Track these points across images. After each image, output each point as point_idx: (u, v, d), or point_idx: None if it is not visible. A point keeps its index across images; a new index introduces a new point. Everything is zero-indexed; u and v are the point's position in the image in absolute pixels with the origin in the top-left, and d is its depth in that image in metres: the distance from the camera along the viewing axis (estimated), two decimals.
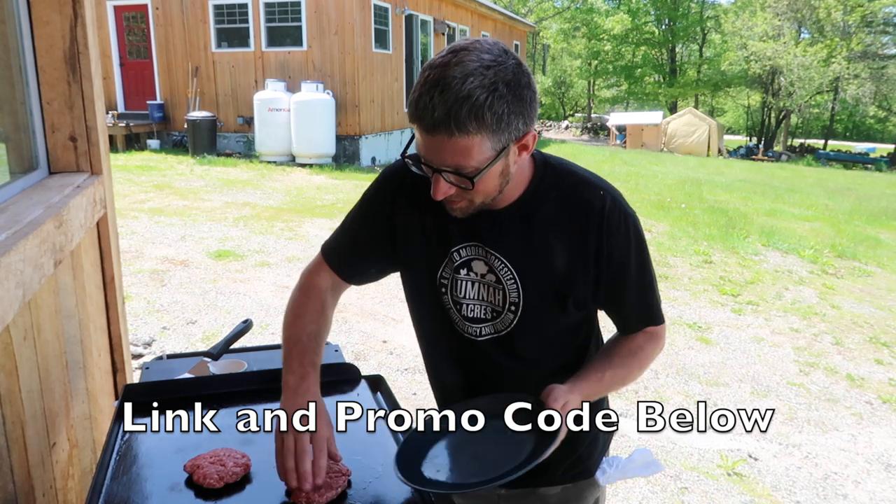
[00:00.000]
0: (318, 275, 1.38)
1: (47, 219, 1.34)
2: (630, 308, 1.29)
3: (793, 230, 9.25)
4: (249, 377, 1.51)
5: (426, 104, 1.00)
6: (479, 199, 1.14)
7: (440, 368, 1.43)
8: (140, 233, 6.92)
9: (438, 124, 1.00)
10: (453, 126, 1.00)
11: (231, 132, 13.36)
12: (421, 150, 1.08)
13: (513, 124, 1.04)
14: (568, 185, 1.22)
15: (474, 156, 1.04)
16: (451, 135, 1.01)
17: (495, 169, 1.08)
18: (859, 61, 29.64)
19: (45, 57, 1.75)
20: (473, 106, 0.99)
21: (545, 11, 46.12)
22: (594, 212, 1.18)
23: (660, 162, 18.76)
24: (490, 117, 1.00)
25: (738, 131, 44.23)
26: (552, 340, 1.30)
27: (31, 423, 1.30)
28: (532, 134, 1.10)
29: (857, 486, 3.15)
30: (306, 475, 1.06)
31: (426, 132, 1.03)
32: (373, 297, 5.31)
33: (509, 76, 1.01)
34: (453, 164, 1.05)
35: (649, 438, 3.47)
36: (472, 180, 1.06)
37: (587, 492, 1.41)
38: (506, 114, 1.02)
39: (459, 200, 1.13)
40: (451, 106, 0.98)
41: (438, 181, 1.08)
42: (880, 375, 4.47)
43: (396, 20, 14.06)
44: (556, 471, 1.35)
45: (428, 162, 1.07)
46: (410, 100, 1.05)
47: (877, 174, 23.18)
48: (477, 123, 1.00)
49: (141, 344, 4.19)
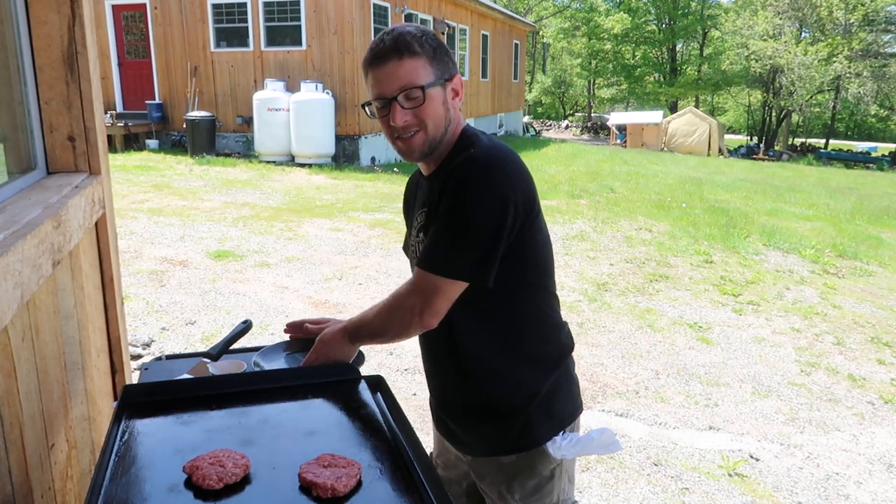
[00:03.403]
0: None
1: (46, 219, 1.33)
2: (425, 244, 1.39)
3: (794, 230, 9.24)
4: (249, 378, 1.50)
5: (377, 46, 1.33)
6: (431, 129, 1.34)
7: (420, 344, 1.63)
8: (139, 233, 6.92)
9: (389, 51, 1.31)
10: (402, 48, 1.30)
11: (230, 132, 13.35)
12: (375, 89, 1.34)
13: (444, 60, 1.35)
14: (463, 146, 1.39)
15: (420, 74, 1.31)
16: (399, 57, 1.30)
17: (438, 95, 1.34)
18: (860, 60, 29.62)
19: (44, 57, 1.74)
20: (414, 37, 1.31)
21: (545, 10, 46.13)
22: (455, 163, 1.35)
23: (660, 161, 18.75)
24: (427, 47, 1.32)
25: (738, 131, 44.20)
26: (471, 302, 1.38)
27: (29, 425, 1.29)
28: (459, 78, 1.39)
29: (858, 487, 3.14)
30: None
31: (379, 64, 1.32)
32: (373, 298, 5.30)
33: (432, 33, 1.35)
34: (405, 82, 1.30)
35: (650, 438, 3.46)
36: (424, 90, 1.30)
37: (538, 461, 1.48)
38: (438, 49, 1.34)
39: (415, 132, 1.34)
40: (397, 38, 1.31)
41: (395, 109, 1.32)
42: (882, 375, 4.46)
43: (396, 19, 14.06)
44: (506, 439, 1.48)
45: (382, 95, 1.33)
46: (363, 60, 1.36)
47: (878, 173, 23.17)
48: (419, 47, 1.31)
49: (140, 345, 4.18)
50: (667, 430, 3.58)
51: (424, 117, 1.33)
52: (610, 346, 4.62)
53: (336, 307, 5.11)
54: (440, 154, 1.41)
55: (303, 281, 5.69)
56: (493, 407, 1.47)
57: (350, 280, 5.77)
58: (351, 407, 1.41)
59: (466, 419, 1.53)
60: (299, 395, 1.42)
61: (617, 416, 3.69)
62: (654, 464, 3.23)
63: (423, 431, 1.54)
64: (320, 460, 1.13)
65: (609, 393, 3.94)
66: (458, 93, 1.39)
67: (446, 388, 1.57)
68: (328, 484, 1.06)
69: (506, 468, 1.49)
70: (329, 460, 1.12)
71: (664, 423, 3.65)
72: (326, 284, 5.63)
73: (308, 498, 1.06)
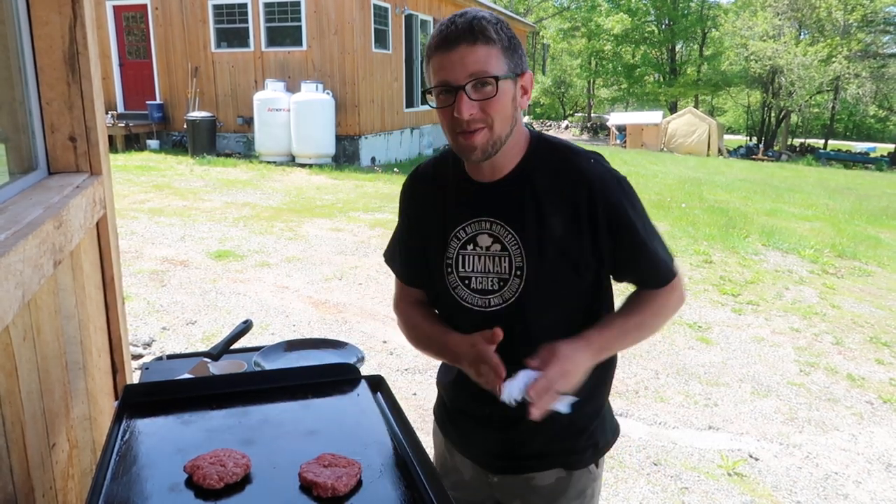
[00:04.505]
0: (400, 296, 1.51)
1: (47, 219, 1.33)
2: (644, 266, 1.31)
3: (793, 230, 9.24)
4: (249, 377, 1.50)
5: (447, 28, 1.17)
6: (498, 127, 1.19)
7: None
8: (140, 233, 6.92)
9: (460, 34, 1.15)
10: (476, 32, 1.15)
11: (231, 132, 13.35)
12: (440, 75, 1.18)
13: (518, 52, 1.20)
14: (561, 153, 1.29)
15: (493, 63, 1.16)
16: (472, 42, 1.15)
17: (509, 90, 1.19)
18: (859, 60, 29.65)
19: (45, 57, 1.75)
20: (490, 23, 1.16)
21: (545, 11, 46.13)
22: (585, 178, 1.25)
23: (660, 161, 18.75)
24: (503, 34, 1.17)
25: (738, 131, 44.20)
26: (560, 306, 1.30)
27: (30, 424, 1.30)
28: (530, 76, 1.24)
29: (857, 487, 3.14)
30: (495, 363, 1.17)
31: (448, 48, 1.16)
32: (373, 298, 5.31)
33: (506, 22, 1.21)
34: (475, 71, 1.15)
35: (650, 438, 3.47)
36: (497, 81, 1.16)
37: (585, 480, 1.42)
38: (513, 39, 1.19)
39: (480, 128, 1.19)
40: (471, 21, 1.15)
41: (462, 99, 1.16)
42: (881, 375, 4.46)
43: (396, 20, 14.06)
44: (570, 453, 1.39)
45: (447, 82, 1.17)
46: (429, 44, 1.20)
47: (877, 174, 23.19)
48: (494, 34, 1.16)
49: (141, 344, 4.19)
50: (666, 429, 3.58)
51: (493, 112, 1.18)
52: None
53: (336, 307, 5.11)
54: (508, 156, 1.27)
55: (303, 281, 5.69)
56: (575, 420, 1.29)
57: (350, 280, 5.77)
58: (351, 407, 1.42)
59: (540, 431, 1.31)
60: (299, 395, 1.42)
61: (617, 415, 3.69)
62: (654, 463, 3.24)
63: (424, 431, 1.53)
64: (321, 460, 1.13)
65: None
66: (528, 91, 1.24)
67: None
68: (328, 483, 1.06)
69: (547, 488, 1.40)
70: (329, 460, 1.13)
71: (664, 422, 3.65)
72: (327, 284, 5.63)
73: (308, 497, 1.07)
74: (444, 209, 1.35)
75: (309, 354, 1.79)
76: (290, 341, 1.86)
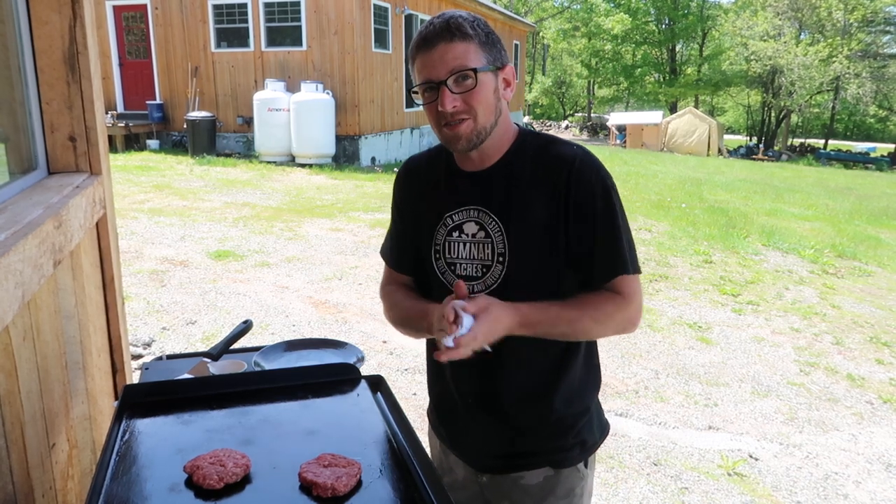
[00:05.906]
0: (387, 279, 1.57)
1: (46, 219, 1.33)
2: (596, 254, 1.29)
3: (793, 230, 9.24)
4: (249, 377, 1.50)
5: (426, 29, 1.25)
6: (481, 117, 1.26)
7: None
8: (140, 233, 6.92)
9: (438, 33, 1.23)
10: (453, 29, 1.22)
11: (230, 132, 13.35)
12: (423, 73, 1.25)
13: (497, 46, 1.27)
14: (544, 143, 1.35)
15: (471, 58, 1.23)
16: (449, 39, 1.22)
17: (489, 82, 1.26)
18: (860, 60, 29.64)
19: (45, 57, 1.74)
20: (465, 20, 1.24)
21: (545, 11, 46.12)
22: (565, 163, 1.29)
23: (660, 161, 18.75)
24: (479, 30, 1.25)
25: (738, 131, 44.20)
26: (541, 293, 1.30)
27: (30, 424, 1.30)
28: (511, 69, 1.30)
29: (857, 487, 3.14)
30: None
31: (428, 47, 1.24)
32: (372, 298, 5.31)
33: (484, 19, 1.28)
34: (454, 66, 1.22)
35: (650, 438, 3.47)
36: (476, 74, 1.22)
37: (574, 479, 1.42)
38: (490, 35, 1.26)
39: (463, 118, 1.25)
40: (448, 20, 1.23)
41: (444, 93, 1.23)
42: (881, 375, 4.46)
43: (396, 20, 14.06)
44: (556, 451, 1.40)
45: (430, 79, 1.24)
46: (411, 46, 1.28)
47: (877, 174, 23.19)
48: (470, 30, 1.23)
49: (140, 344, 4.19)
50: (666, 429, 3.58)
51: (475, 104, 1.24)
52: (610, 345, 4.62)
53: (336, 307, 5.11)
54: (495, 147, 1.33)
55: (303, 281, 5.69)
56: (562, 417, 1.39)
57: (350, 280, 5.77)
58: (351, 407, 1.42)
59: (528, 430, 1.40)
60: (299, 395, 1.42)
61: (616, 415, 3.69)
62: (654, 463, 3.24)
63: (423, 431, 1.53)
64: (320, 460, 1.13)
65: (609, 392, 3.94)
66: (510, 83, 1.31)
67: (521, 391, 1.39)
68: (328, 483, 1.06)
69: (536, 487, 1.40)
70: (329, 460, 1.13)
71: (664, 422, 3.65)
72: (326, 284, 5.63)
73: (308, 497, 1.07)
74: (434, 197, 1.41)
75: (309, 354, 1.79)
76: (290, 341, 1.86)
